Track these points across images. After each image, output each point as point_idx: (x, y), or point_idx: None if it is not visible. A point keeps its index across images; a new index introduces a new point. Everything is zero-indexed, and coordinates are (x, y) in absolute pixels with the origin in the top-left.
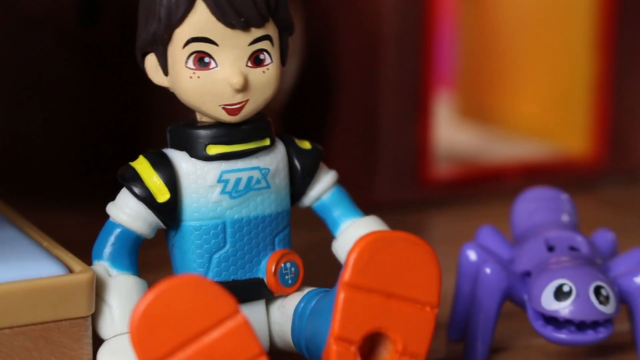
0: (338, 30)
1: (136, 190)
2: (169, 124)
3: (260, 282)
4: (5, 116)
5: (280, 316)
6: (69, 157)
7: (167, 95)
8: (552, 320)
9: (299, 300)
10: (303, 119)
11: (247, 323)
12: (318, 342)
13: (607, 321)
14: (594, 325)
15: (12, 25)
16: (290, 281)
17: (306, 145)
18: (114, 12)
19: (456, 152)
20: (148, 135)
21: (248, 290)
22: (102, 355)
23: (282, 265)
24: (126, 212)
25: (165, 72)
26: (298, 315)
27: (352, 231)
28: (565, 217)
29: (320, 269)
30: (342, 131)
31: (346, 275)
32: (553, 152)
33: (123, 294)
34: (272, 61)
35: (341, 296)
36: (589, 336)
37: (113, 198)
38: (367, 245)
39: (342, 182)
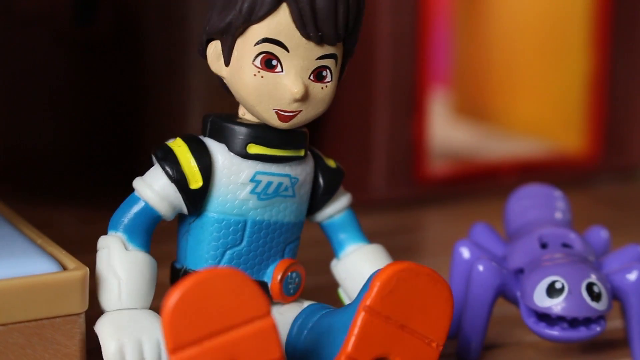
0: None
1: (170, 171)
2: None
3: (263, 285)
4: (1, 114)
5: (277, 323)
6: (64, 155)
7: (162, 93)
8: (545, 317)
9: (298, 311)
10: None
11: (275, 327)
12: (321, 356)
13: (600, 318)
14: (587, 322)
15: (7, 25)
16: (292, 291)
17: (332, 163)
18: (110, 11)
19: (452, 149)
20: (143, 133)
21: None
22: (105, 327)
23: (289, 274)
24: (155, 189)
25: (227, 63)
26: (297, 326)
27: (357, 257)
28: (558, 214)
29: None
30: (338, 129)
31: (369, 299)
32: (549, 150)
33: (137, 271)
34: (331, 80)
35: (361, 317)
36: (582, 333)
37: (108, 196)
38: (394, 274)
39: None
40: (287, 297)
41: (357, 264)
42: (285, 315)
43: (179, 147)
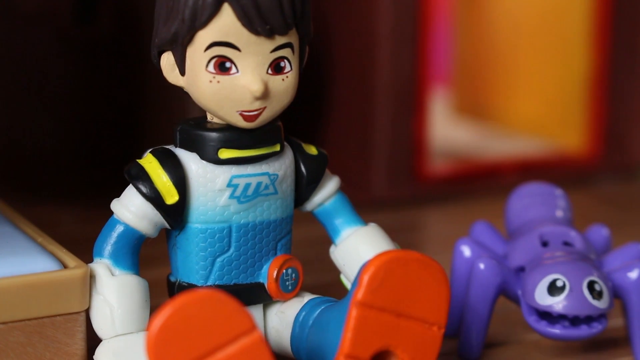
0: (334, 27)
1: (144, 189)
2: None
3: (260, 286)
4: (2, 113)
5: (279, 322)
6: (65, 153)
7: (162, 92)
8: (546, 315)
9: (299, 308)
10: (299, 116)
11: (263, 340)
12: (323, 354)
13: (601, 316)
14: (588, 320)
15: (8, 23)
16: (290, 287)
17: (312, 150)
18: (110, 10)
19: (452, 148)
20: (144, 131)
21: (248, 294)
22: (103, 355)
23: (284, 271)
24: (132, 210)
25: (182, 72)
26: (299, 323)
27: (353, 241)
28: (559, 213)
29: (317, 262)
30: (338, 128)
31: (359, 294)
32: (549, 149)
33: (126, 295)
34: (291, 69)
35: (353, 314)
36: (583, 331)
37: (109, 195)
38: (382, 265)
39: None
40: (285, 294)
41: (355, 248)
42: (286, 314)
43: (150, 163)
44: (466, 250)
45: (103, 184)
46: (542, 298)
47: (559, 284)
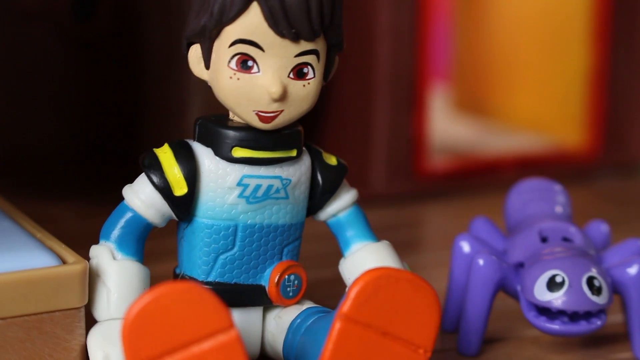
0: None
1: (154, 178)
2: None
3: (261, 289)
4: (1, 109)
5: (275, 326)
6: (64, 149)
7: (162, 90)
8: (545, 311)
9: (296, 315)
10: None
11: (239, 339)
12: None
13: (600, 312)
14: (587, 315)
15: (7, 20)
16: (291, 293)
17: (332, 160)
18: (109, 7)
19: (451, 144)
20: (143, 128)
21: (248, 295)
22: (92, 337)
23: (286, 277)
24: (141, 198)
25: (207, 66)
26: (293, 330)
27: (361, 256)
28: (558, 208)
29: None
30: (337, 124)
31: (345, 306)
32: (548, 145)
33: (124, 280)
34: (314, 76)
35: (337, 326)
36: (582, 327)
37: (108, 191)
38: (371, 280)
39: None
40: (285, 300)
41: (361, 263)
42: (283, 320)
43: (165, 153)
44: (465, 246)
45: (102, 180)
46: (541, 294)
47: (558, 279)
